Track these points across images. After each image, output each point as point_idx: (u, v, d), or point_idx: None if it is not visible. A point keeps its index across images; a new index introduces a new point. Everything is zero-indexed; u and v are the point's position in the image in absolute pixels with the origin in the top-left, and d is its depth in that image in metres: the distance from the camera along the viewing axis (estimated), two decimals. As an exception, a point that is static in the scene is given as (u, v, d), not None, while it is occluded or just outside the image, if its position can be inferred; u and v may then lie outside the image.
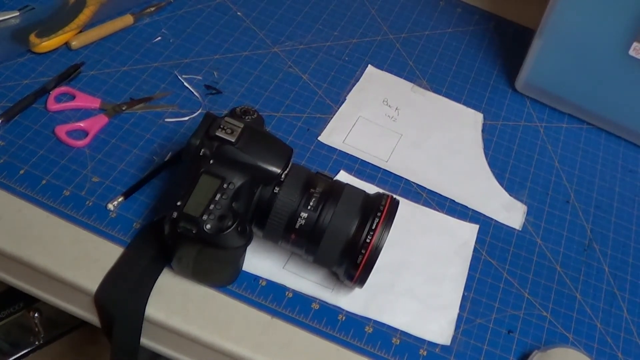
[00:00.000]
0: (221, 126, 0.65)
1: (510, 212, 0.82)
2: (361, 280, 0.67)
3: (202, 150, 0.65)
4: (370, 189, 0.72)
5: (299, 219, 0.65)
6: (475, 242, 0.79)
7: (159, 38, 0.92)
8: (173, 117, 0.83)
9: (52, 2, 0.92)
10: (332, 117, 0.87)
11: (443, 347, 0.70)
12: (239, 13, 0.98)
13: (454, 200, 0.82)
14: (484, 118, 0.92)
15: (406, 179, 0.83)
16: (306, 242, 0.66)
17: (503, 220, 0.82)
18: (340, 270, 0.68)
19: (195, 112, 0.84)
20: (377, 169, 0.83)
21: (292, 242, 0.67)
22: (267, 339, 0.68)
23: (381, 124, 0.88)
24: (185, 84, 0.87)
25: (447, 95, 0.94)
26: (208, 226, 0.62)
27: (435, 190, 0.83)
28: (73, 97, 0.82)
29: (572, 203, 0.85)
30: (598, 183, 0.88)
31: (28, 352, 1.01)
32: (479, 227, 0.80)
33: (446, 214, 0.81)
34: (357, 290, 0.71)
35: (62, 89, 0.83)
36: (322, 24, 0.99)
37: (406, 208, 0.79)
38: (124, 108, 0.82)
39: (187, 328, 0.67)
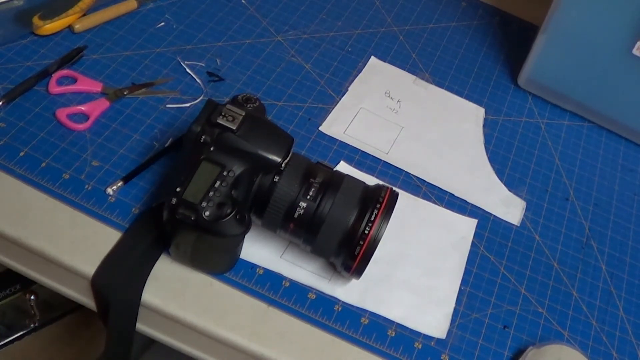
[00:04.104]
0: (222, 113, 0.65)
1: (509, 208, 0.82)
2: (358, 272, 0.67)
3: (203, 137, 0.65)
4: (370, 180, 0.72)
5: (298, 208, 0.65)
6: (473, 237, 0.79)
7: (163, 23, 0.92)
8: (174, 103, 0.83)
9: (55, -15, 0.91)
10: (333, 108, 0.87)
11: (438, 340, 0.70)
12: (243, 1, 0.98)
13: (453, 194, 0.82)
14: (486, 113, 0.92)
15: (406, 172, 0.83)
16: (304, 232, 0.66)
17: (502, 215, 0.82)
18: (337, 260, 0.68)
19: (197, 99, 0.84)
20: (377, 160, 0.83)
21: (291, 231, 0.67)
22: (262, 327, 0.68)
23: (382, 115, 0.88)
24: (188, 70, 0.87)
25: (449, 89, 0.94)
26: (207, 213, 0.62)
27: (434, 183, 0.83)
28: (75, 81, 0.82)
29: (571, 200, 0.85)
30: (598, 181, 0.88)
31: (23, 334, 1.02)
32: (478, 222, 0.80)
33: (445, 207, 0.81)
34: (353, 281, 0.71)
35: (64, 72, 0.83)
36: (326, 14, 0.99)
37: (405, 200, 0.79)
38: (125, 93, 0.82)
39: (183, 314, 0.67)
